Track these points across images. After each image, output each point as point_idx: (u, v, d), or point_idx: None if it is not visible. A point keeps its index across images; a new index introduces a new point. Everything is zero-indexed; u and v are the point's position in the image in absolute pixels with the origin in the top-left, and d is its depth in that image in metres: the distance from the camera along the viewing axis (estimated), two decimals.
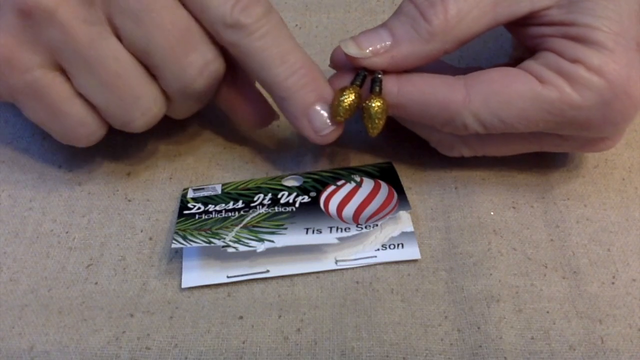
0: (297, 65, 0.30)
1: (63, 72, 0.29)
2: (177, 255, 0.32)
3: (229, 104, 0.34)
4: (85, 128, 0.30)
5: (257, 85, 0.34)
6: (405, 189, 0.33)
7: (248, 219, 0.31)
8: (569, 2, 0.29)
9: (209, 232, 0.31)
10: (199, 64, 0.29)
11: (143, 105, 0.30)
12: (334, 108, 0.30)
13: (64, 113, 0.30)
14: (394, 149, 0.36)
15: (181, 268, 0.31)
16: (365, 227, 0.31)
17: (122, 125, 0.31)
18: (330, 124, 0.30)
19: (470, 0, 0.28)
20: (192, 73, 0.29)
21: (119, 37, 0.29)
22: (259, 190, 0.33)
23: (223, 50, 0.30)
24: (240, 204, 0.32)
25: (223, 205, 0.32)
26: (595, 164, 0.35)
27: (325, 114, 0.30)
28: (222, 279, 0.30)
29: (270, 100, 0.33)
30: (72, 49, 0.28)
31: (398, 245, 0.31)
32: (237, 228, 0.31)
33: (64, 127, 0.30)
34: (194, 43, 0.29)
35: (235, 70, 0.32)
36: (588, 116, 0.29)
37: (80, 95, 0.30)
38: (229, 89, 0.33)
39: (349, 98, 0.30)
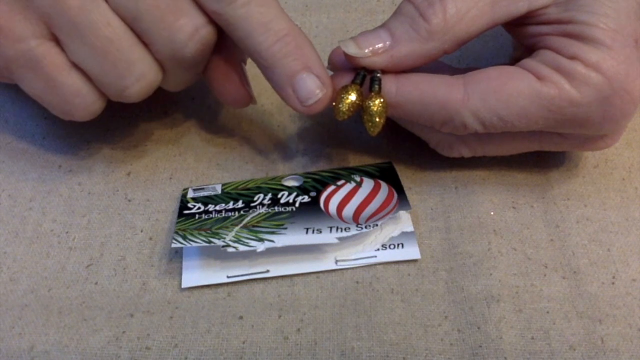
0: (281, 33, 0.29)
1: (57, 43, 0.29)
2: (177, 255, 0.32)
3: (212, 78, 0.34)
4: (81, 99, 0.30)
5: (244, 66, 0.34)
6: (405, 189, 0.33)
7: (248, 218, 0.32)
8: (566, 0, 0.29)
9: (209, 231, 0.31)
10: (188, 29, 0.29)
11: (137, 71, 0.30)
12: (335, 107, 0.30)
13: (60, 83, 0.30)
14: (394, 149, 0.36)
15: (181, 268, 0.31)
16: (365, 227, 0.31)
17: (117, 94, 0.30)
18: (316, 93, 0.30)
19: (469, 0, 0.29)
20: (182, 38, 0.29)
21: (108, 2, 0.28)
22: (259, 190, 0.33)
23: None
24: (240, 204, 0.32)
25: (223, 205, 0.32)
26: (595, 164, 0.35)
27: (311, 83, 0.30)
28: (222, 279, 0.30)
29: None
30: (63, 16, 0.28)
31: (398, 245, 0.31)
32: (237, 228, 0.31)
33: (61, 99, 0.30)
34: (184, 8, 0.29)
35: (225, 44, 0.32)
36: (587, 113, 0.29)
37: (76, 66, 0.30)
38: (217, 62, 0.33)
39: (350, 97, 0.30)
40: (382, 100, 0.30)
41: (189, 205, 0.33)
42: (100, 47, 0.29)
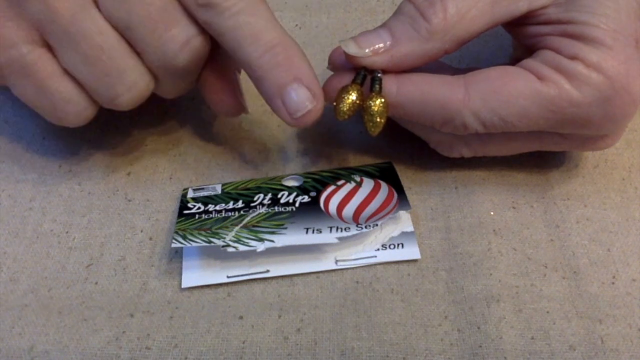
0: (271, 44, 0.29)
1: (49, 49, 0.29)
2: (177, 255, 0.32)
3: (205, 87, 0.34)
4: (72, 106, 0.30)
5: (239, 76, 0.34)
6: (405, 189, 0.33)
7: (248, 218, 0.31)
8: (566, 1, 0.29)
9: (209, 231, 0.31)
10: (180, 39, 0.29)
11: (128, 80, 0.30)
12: (336, 107, 0.30)
13: (51, 90, 0.30)
14: (394, 149, 0.36)
15: (181, 268, 0.31)
16: (365, 227, 0.31)
17: (109, 102, 0.30)
18: (305, 105, 0.29)
19: (469, 0, 0.29)
20: (173, 48, 0.29)
21: (100, 11, 0.28)
22: (259, 190, 0.33)
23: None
24: (240, 204, 0.32)
25: (223, 205, 0.32)
26: (595, 164, 0.35)
27: (301, 95, 0.29)
28: (222, 279, 0.30)
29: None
30: (55, 23, 0.28)
31: (398, 245, 0.31)
32: (237, 228, 0.31)
33: (52, 105, 0.30)
34: (176, 18, 0.29)
35: (218, 54, 0.32)
36: (588, 113, 0.29)
37: (67, 72, 0.30)
38: (210, 72, 0.33)
39: (351, 97, 0.30)
40: (382, 100, 0.30)
41: (189, 205, 0.33)
42: (92, 55, 0.29)
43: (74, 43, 0.28)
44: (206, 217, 0.32)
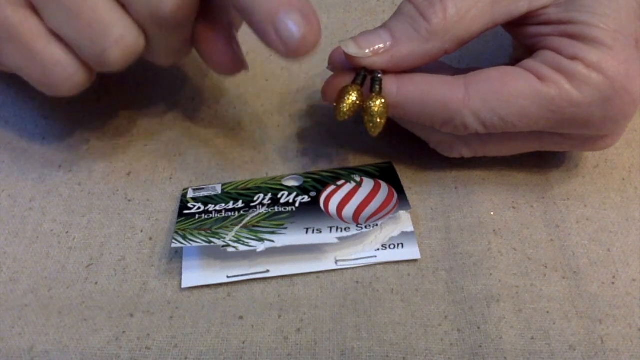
0: None
1: (34, 11, 0.29)
2: (177, 255, 0.32)
3: (200, 42, 0.32)
4: (62, 69, 0.30)
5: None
6: (405, 189, 0.33)
7: (248, 218, 0.32)
8: (566, 1, 0.29)
9: (209, 231, 0.31)
10: None
11: (115, 33, 0.29)
12: (336, 108, 0.30)
13: (38, 52, 0.29)
14: (394, 149, 0.36)
15: (181, 268, 0.31)
16: (365, 227, 0.31)
17: (97, 59, 0.29)
18: (301, 31, 0.27)
19: (469, 0, 0.29)
20: None
21: None
22: (259, 190, 0.33)
23: None
24: (240, 204, 0.32)
25: (223, 205, 0.32)
26: (595, 164, 0.35)
27: (295, 21, 0.27)
28: (222, 279, 0.30)
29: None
30: None
31: (398, 245, 0.31)
32: (237, 228, 0.31)
33: (41, 70, 0.30)
34: None
35: (211, 8, 0.31)
36: (588, 113, 0.29)
37: (55, 35, 0.29)
38: (204, 26, 0.32)
39: (351, 97, 0.30)
40: (382, 100, 0.30)
41: (189, 205, 0.33)
42: (75, 9, 0.28)
43: None
44: (206, 217, 0.32)
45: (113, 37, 0.29)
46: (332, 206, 0.32)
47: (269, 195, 0.33)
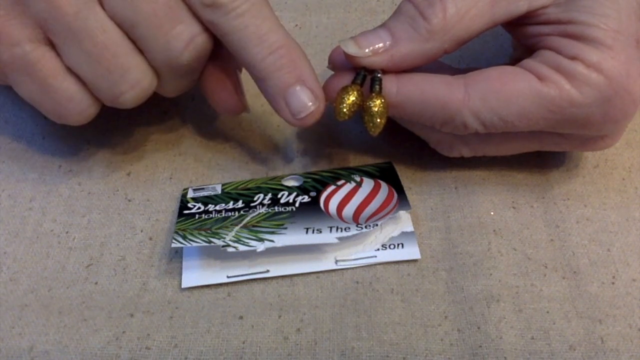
0: (275, 46, 0.29)
1: (53, 47, 0.29)
2: (177, 255, 0.32)
3: (207, 86, 0.34)
4: (75, 104, 0.30)
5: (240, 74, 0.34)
6: (405, 189, 0.33)
7: (248, 218, 0.32)
8: (566, 1, 0.29)
9: (209, 231, 0.31)
10: (185, 37, 0.29)
11: (132, 78, 0.30)
12: (336, 108, 0.30)
13: (54, 88, 0.30)
14: (394, 149, 0.36)
15: (181, 268, 0.31)
16: (365, 227, 0.31)
17: (112, 100, 0.30)
18: (308, 106, 0.30)
19: (469, 0, 0.29)
20: (178, 46, 0.29)
21: (104, 9, 0.28)
22: (259, 190, 0.33)
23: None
24: (240, 204, 0.32)
25: (223, 205, 0.32)
26: (595, 164, 0.35)
27: (304, 96, 0.30)
28: (222, 279, 0.30)
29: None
30: (59, 21, 0.28)
31: (398, 245, 0.31)
32: (237, 228, 0.31)
33: (55, 103, 0.30)
34: (180, 15, 0.29)
35: (220, 53, 0.32)
36: (588, 113, 0.29)
37: (70, 71, 0.30)
38: (212, 70, 0.33)
39: (351, 97, 0.30)
40: (382, 100, 0.30)
41: (189, 205, 0.33)
42: (96, 53, 0.29)
43: (77, 41, 0.28)
44: (206, 217, 0.32)
45: (130, 82, 0.30)
46: (332, 206, 0.32)
47: (269, 195, 0.33)
